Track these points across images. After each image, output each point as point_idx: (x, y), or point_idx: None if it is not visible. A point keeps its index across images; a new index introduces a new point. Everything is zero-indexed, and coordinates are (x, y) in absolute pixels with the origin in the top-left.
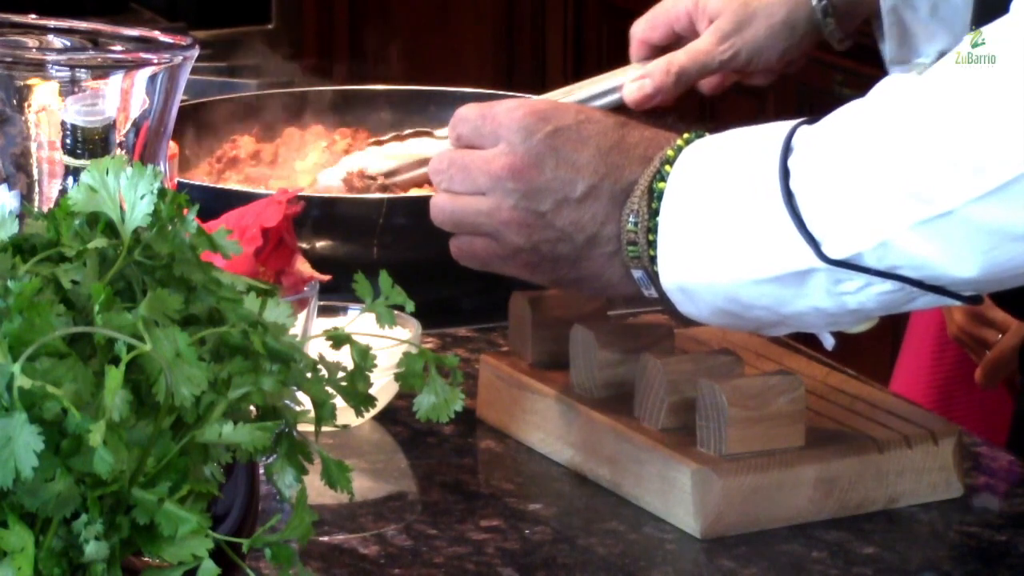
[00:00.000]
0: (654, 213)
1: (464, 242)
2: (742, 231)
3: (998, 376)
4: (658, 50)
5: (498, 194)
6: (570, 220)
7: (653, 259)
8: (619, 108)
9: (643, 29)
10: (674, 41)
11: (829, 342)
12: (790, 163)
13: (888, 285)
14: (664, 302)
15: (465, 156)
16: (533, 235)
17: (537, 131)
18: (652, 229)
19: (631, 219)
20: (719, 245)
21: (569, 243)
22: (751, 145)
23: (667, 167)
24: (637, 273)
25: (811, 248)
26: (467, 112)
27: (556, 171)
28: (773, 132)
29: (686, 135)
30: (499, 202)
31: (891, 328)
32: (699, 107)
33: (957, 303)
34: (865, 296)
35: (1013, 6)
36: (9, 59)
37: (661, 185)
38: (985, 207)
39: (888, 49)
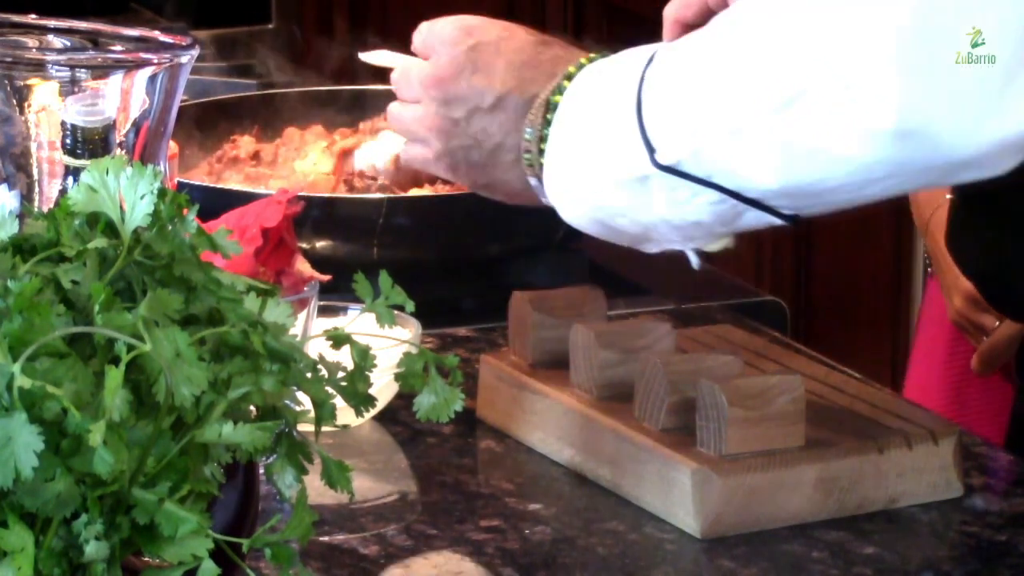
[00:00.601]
0: (547, 124)
1: (409, 147)
2: (604, 138)
3: (994, 364)
4: (693, 29)
5: (425, 102)
6: (480, 128)
7: (543, 167)
8: None
9: (676, 8)
10: (709, 19)
11: (694, 261)
12: (646, 73)
13: (712, 194)
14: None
15: (410, 66)
16: (451, 141)
17: (460, 44)
18: (544, 139)
19: (528, 130)
20: (588, 152)
21: (479, 150)
22: (630, 59)
23: (566, 82)
24: (533, 181)
25: (647, 153)
26: (422, 24)
27: (471, 81)
28: (648, 48)
29: (592, 55)
30: (426, 110)
31: (891, 328)
32: None
33: (779, 222)
34: (697, 207)
35: None
36: (9, 59)
37: (557, 99)
38: (777, 121)
39: None
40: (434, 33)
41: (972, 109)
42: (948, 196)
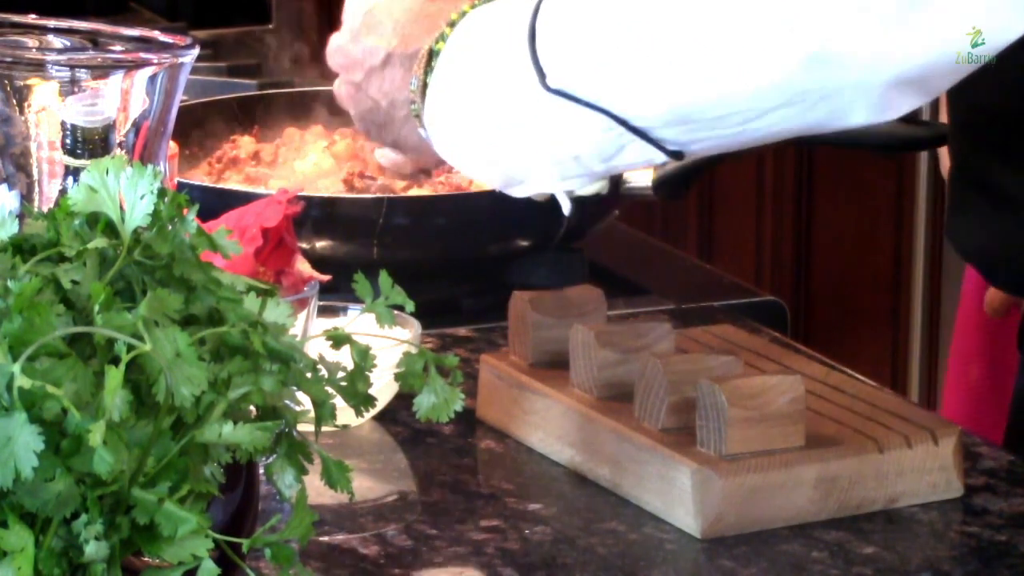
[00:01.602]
0: (429, 71)
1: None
2: (491, 71)
3: (1003, 307)
4: None
5: (338, 72)
6: (376, 87)
7: (423, 97)
8: None
9: None
10: None
11: (566, 206)
12: (541, 5)
13: (599, 120)
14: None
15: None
16: (358, 106)
17: (359, 11)
18: (426, 87)
19: (413, 80)
20: (473, 88)
21: (379, 110)
22: (507, 15)
23: (448, 29)
24: (423, 132)
25: (537, 78)
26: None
27: (364, 44)
28: None
29: (476, 2)
30: (338, 80)
31: (891, 328)
32: None
33: (662, 158)
34: (581, 135)
35: None
36: (9, 59)
37: (440, 45)
38: (675, 37)
39: None
40: (344, 6)
41: (887, 36)
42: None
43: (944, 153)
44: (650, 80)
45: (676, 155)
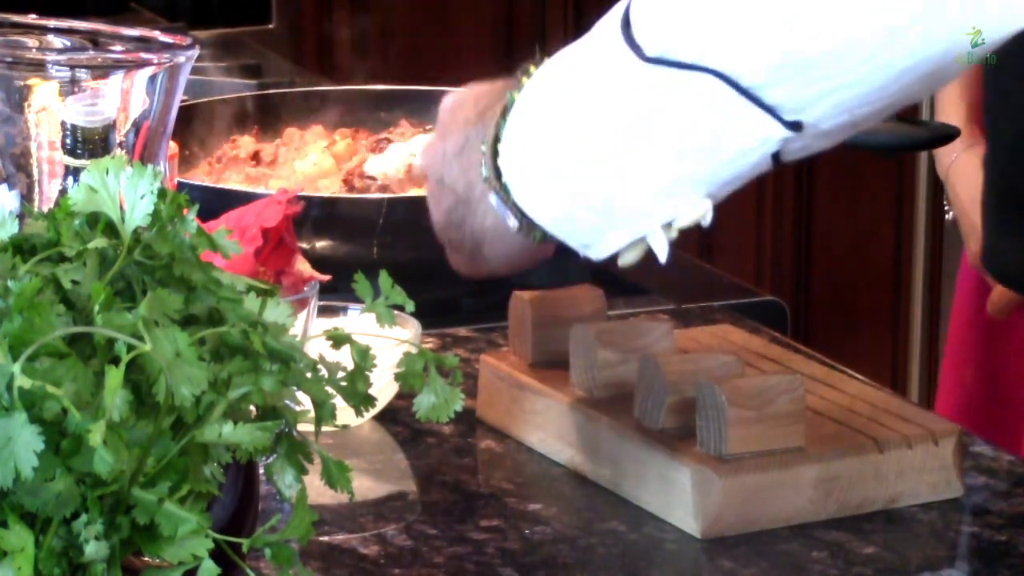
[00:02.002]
0: (503, 124)
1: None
2: (580, 79)
3: (1008, 308)
4: None
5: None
6: (454, 177)
7: (495, 153)
8: None
9: None
10: None
11: (663, 251)
12: (631, 13)
13: (706, 86)
14: (522, 227)
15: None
16: (440, 205)
17: (448, 105)
18: (498, 138)
19: (483, 145)
20: (558, 107)
21: (458, 202)
22: (595, 32)
23: (524, 78)
24: (494, 201)
25: (635, 54)
26: None
27: (446, 137)
28: (613, 16)
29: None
30: (427, 185)
31: (891, 328)
32: None
33: (781, 132)
34: (686, 111)
35: None
36: (9, 59)
37: (515, 95)
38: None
39: None
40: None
41: None
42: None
43: (941, 154)
44: (756, 21)
45: (795, 126)
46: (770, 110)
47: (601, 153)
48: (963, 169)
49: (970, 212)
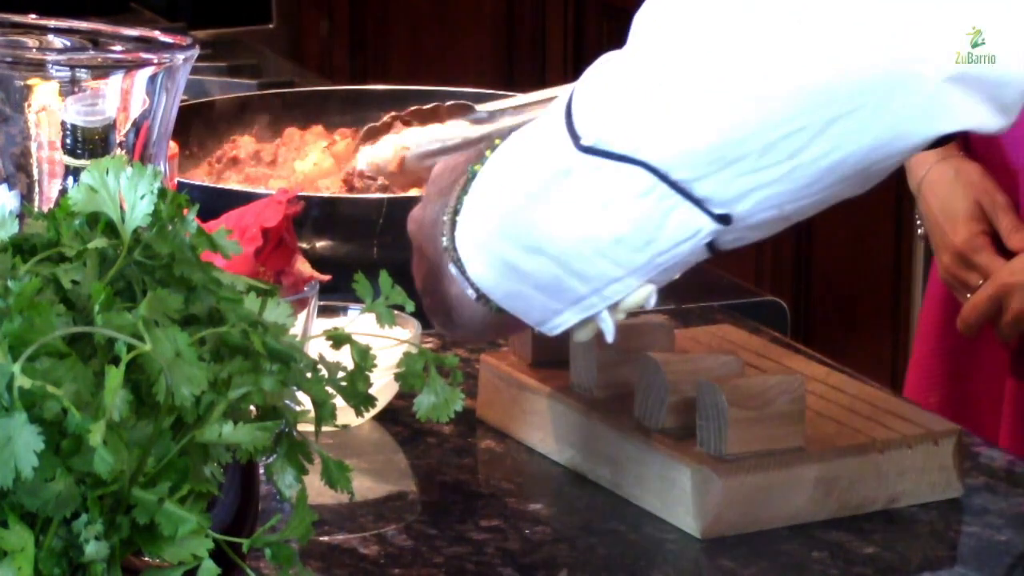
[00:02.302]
0: (463, 194)
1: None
2: (527, 153)
3: (978, 322)
4: None
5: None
6: (427, 244)
7: (454, 225)
8: None
9: None
10: None
11: (609, 331)
12: (578, 83)
13: (637, 176)
14: (480, 298)
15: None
16: (419, 271)
17: (431, 175)
18: (457, 210)
19: (445, 215)
20: (506, 175)
21: (432, 269)
22: (548, 112)
23: (489, 152)
24: (453, 271)
25: (572, 141)
26: None
27: (426, 204)
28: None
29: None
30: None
31: (891, 328)
32: None
33: (710, 225)
34: (619, 203)
35: None
36: (9, 59)
37: (478, 167)
38: (723, 66)
39: None
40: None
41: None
42: (936, 157)
43: (914, 166)
44: (683, 115)
45: (724, 219)
46: (699, 203)
47: (543, 238)
48: (936, 181)
49: (942, 224)
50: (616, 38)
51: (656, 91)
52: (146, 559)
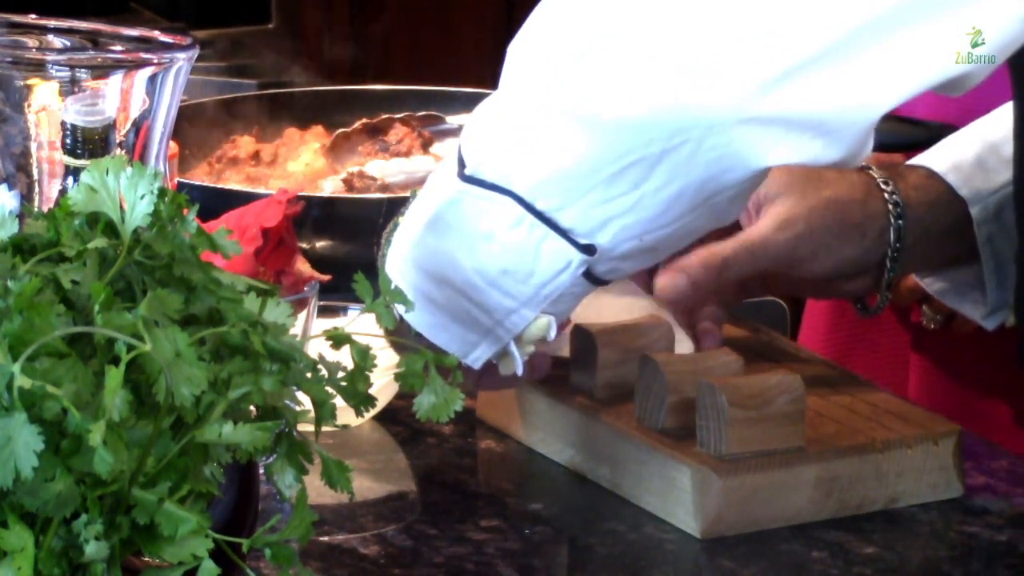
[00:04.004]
0: (387, 243)
1: None
2: (431, 180)
3: (912, 296)
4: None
5: None
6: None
7: (386, 252)
8: None
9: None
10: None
11: (517, 364)
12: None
13: (510, 210)
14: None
15: None
16: None
17: None
18: (392, 232)
19: (383, 236)
20: (416, 203)
21: None
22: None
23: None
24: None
25: (457, 169)
26: None
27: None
28: None
29: None
30: None
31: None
32: None
33: (577, 256)
34: (497, 235)
35: None
36: (9, 59)
37: (418, 190)
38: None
39: (989, 292)
40: None
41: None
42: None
43: None
44: (540, 144)
45: (588, 250)
46: (564, 233)
47: (445, 268)
48: None
49: None
50: None
51: (520, 121)
52: (146, 559)
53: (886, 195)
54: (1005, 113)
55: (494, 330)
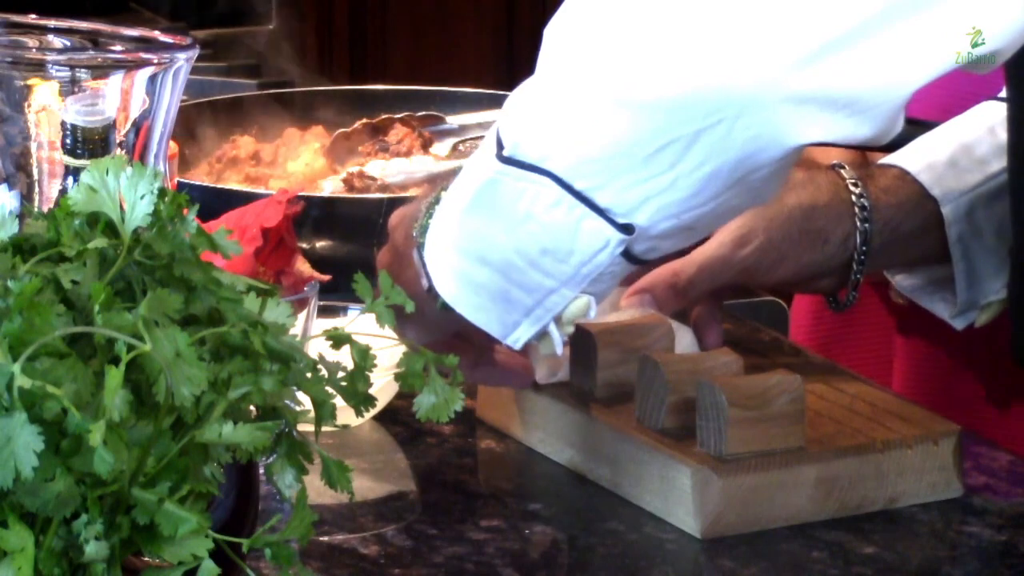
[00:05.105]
0: (436, 201)
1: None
2: (469, 163)
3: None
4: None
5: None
6: (394, 234)
7: (425, 228)
8: None
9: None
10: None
11: (557, 345)
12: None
13: (548, 189)
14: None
15: None
16: (383, 260)
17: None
18: (426, 228)
19: (416, 227)
20: (455, 187)
21: (397, 259)
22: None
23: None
24: (416, 257)
25: (496, 151)
26: None
27: (408, 205)
28: None
29: None
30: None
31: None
32: None
33: (616, 235)
34: (537, 216)
35: None
36: (9, 59)
37: (442, 194)
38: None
39: (959, 292)
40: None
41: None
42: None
43: None
44: (579, 121)
45: (626, 229)
46: (602, 213)
47: (484, 249)
48: None
49: None
50: None
51: (557, 102)
52: (146, 559)
53: (854, 197)
54: (979, 113)
55: (534, 310)
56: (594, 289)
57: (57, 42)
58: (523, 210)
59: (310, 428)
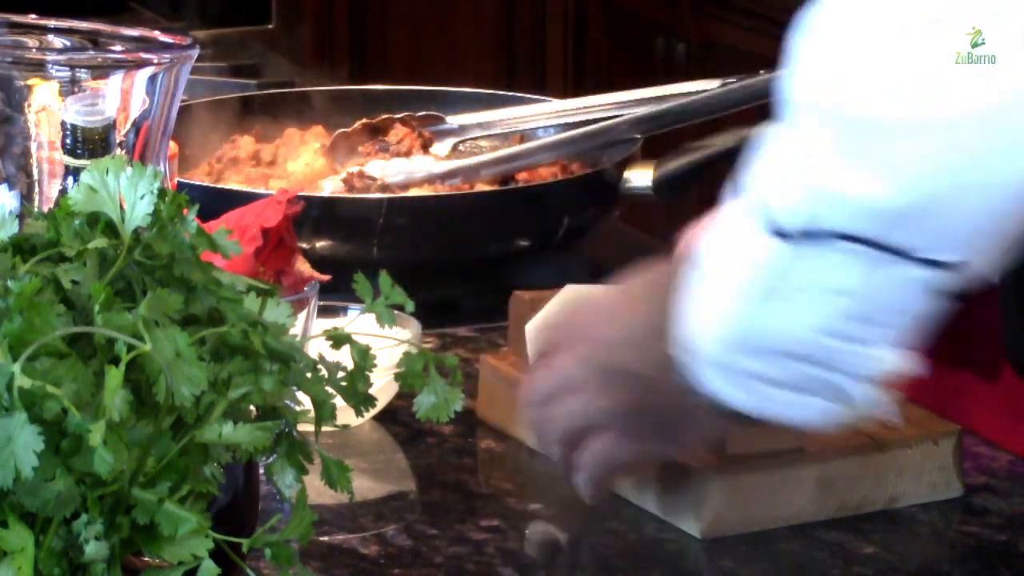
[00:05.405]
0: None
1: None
2: (726, 261)
3: None
4: None
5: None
6: (631, 366)
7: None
8: None
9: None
10: None
11: (892, 410)
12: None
13: (851, 269)
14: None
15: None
16: (619, 393)
17: (536, 337)
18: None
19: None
20: (716, 292)
21: (647, 388)
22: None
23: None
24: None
25: (772, 236)
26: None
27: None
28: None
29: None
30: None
31: None
32: None
33: (943, 278)
34: (842, 277)
35: None
36: (9, 59)
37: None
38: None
39: None
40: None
41: None
42: None
43: None
44: (886, 161)
45: (957, 268)
46: (926, 262)
47: (781, 341)
48: None
49: None
50: (616, 39)
51: (839, 162)
52: (146, 559)
53: None
54: None
55: (844, 387)
56: (905, 339)
57: (57, 42)
58: (828, 285)
59: (310, 428)
